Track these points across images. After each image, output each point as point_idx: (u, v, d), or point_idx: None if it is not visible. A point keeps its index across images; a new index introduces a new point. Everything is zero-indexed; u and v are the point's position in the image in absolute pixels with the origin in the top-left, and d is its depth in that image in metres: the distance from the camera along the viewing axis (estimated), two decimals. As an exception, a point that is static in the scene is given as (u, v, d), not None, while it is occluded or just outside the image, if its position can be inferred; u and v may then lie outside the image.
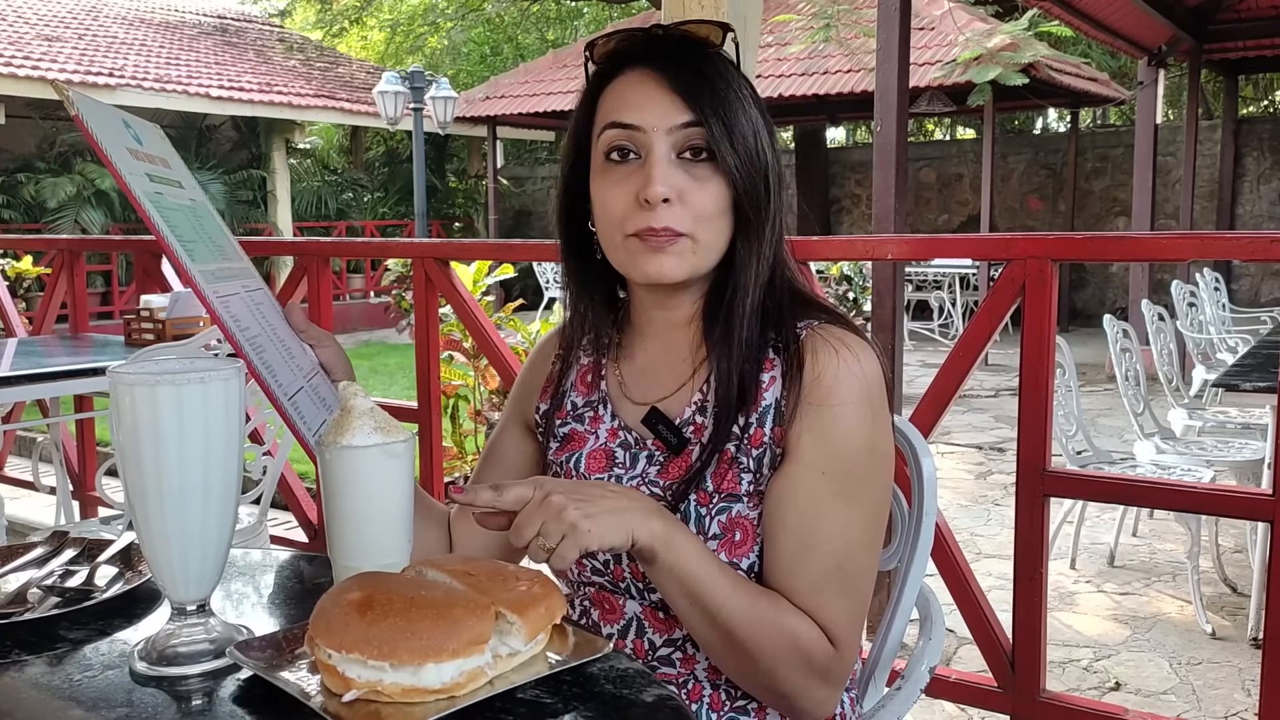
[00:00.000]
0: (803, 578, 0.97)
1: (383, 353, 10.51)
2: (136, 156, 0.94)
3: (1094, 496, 2.29)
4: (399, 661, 0.72)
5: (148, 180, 0.93)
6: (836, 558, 0.97)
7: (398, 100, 11.10)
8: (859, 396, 0.99)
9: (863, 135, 17.76)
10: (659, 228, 0.98)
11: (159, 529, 0.81)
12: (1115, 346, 3.81)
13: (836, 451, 0.98)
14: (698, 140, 0.99)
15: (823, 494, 0.97)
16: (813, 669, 0.96)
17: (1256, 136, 11.46)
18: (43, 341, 3.25)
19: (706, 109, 0.98)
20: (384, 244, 8.16)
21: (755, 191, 1.00)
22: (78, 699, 0.79)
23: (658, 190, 0.97)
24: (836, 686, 0.99)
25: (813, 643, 0.96)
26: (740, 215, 1.01)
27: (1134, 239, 3.35)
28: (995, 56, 8.48)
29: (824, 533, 0.97)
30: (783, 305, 1.04)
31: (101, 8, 15.16)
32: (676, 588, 0.92)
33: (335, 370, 1.13)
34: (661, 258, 0.99)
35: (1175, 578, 3.78)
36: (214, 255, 1.00)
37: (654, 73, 1.00)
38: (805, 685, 0.96)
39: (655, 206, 0.97)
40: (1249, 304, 9.85)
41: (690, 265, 1.01)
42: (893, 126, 3.85)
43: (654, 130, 0.98)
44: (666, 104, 0.99)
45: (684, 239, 0.99)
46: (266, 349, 1.00)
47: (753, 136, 1.00)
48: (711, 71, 1.00)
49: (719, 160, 0.98)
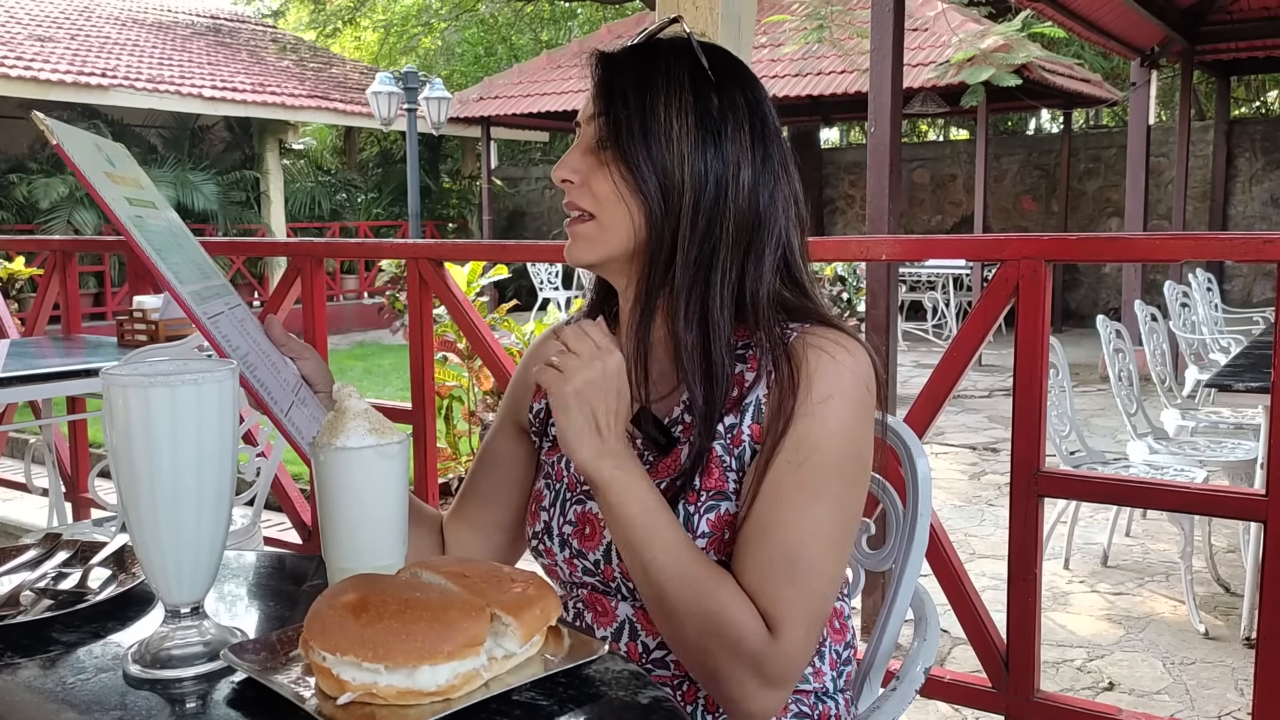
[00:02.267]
0: (751, 560, 0.96)
1: (376, 353, 10.50)
2: (113, 179, 0.94)
3: (1088, 497, 2.30)
4: (394, 664, 0.72)
5: (128, 204, 0.93)
6: (789, 545, 0.95)
7: (391, 101, 11.08)
8: (845, 392, 0.98)
9: (856, 136, 17.79)
10: (566, 202, 1.06)
11: (152, 531, 0.81)
12: (1108, 347, 3.82)
13: (809, 444, 0.97)
14: (602, 130, 1.04)
15: (786, 482, 0.97)
16: (740, 652, 0.93)
17: (1249, 137, 11.50)
18: (35, 343, 3.24)
19: (604, 102, 1.04)
20: (378, 245, 8.14)
21: (666, 185, 1.02)
22: (71, 702, 0.79)
23: (557, 173, 1.07)
24: (774, 684, 0.94)
25: (744, 624, 0.93)
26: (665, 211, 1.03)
27: (1128, 239, 3.36)
28: (988, 57, 8.51)
29: (779, 519, 0.96)
30: (763, 312, 1.03)
31: (94, 8, 15.11)
32: (617, 531, 0.96)
33: (316, 382, 1.14)
34: (570, 244, 1.07)
35: (1168, 578, 3.79)
36: (197, 275, 1.01)
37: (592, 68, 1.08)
38: (733, 669, 0.94)
39: (564, 188, 1.06)
40: (1241, 304, 9.88)
41: (598, 250, 1.05)
42: (886, 127, 3.86)
43: (582, 121, 1.07)
44: (590, 97, 1.06)
45: (590, 221, 1.05)
46: (258, 366, 1.01)
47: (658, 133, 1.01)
48: (631, 64, 1.05)
49: (618, 149, 1.02)
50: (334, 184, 15.46)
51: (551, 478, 1.13)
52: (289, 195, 14.29)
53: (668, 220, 1.02)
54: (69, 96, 11.34)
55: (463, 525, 1.20)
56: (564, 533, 1.09)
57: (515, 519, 1.19)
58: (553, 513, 1.10)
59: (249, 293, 13.18)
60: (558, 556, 1.09)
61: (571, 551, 1.08)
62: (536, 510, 1.13)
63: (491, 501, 1.20)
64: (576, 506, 1.09)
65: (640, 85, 1.03)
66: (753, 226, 1.03)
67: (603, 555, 1.05)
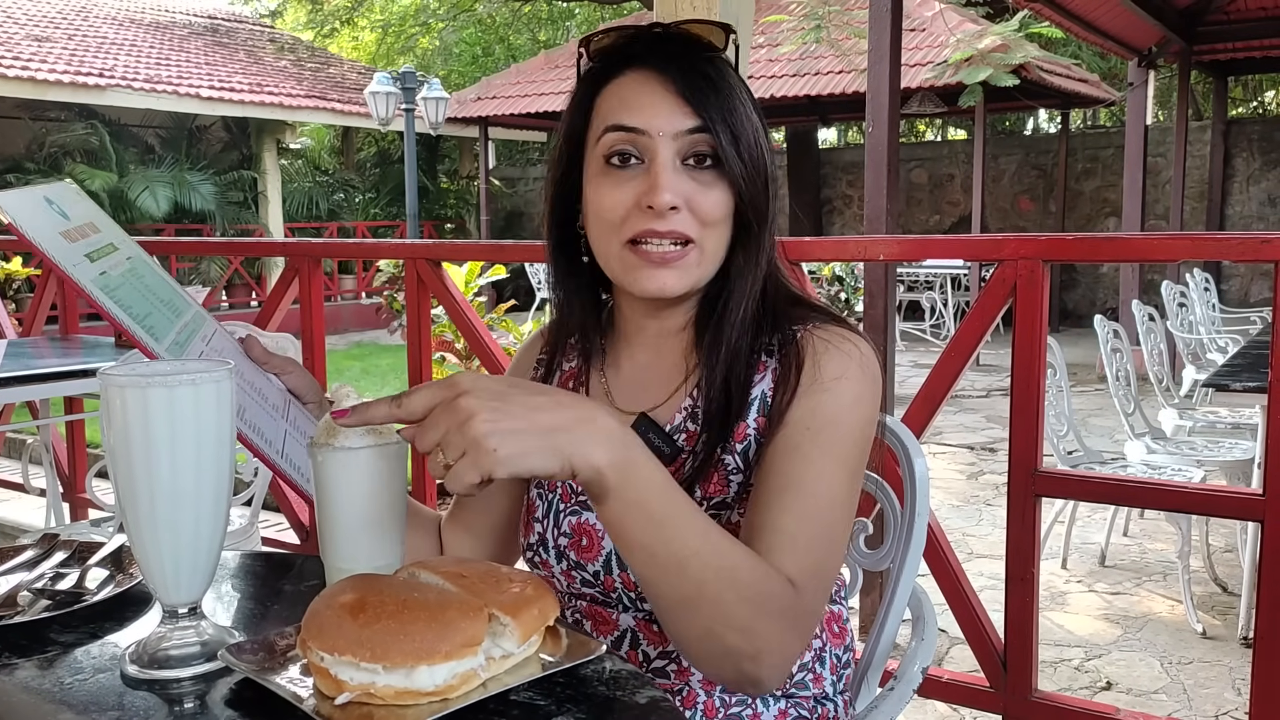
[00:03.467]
0: (775, 515, 0.90)
1: (374, 354, 10.49)
2: (70, 237, 0.92)
3: (1086, 497, 2.30)
4: (392, 664, 0.72)
5: (89, 263, 0.91)
6: (814, 503, 0.91)
7: (389, 101, 11.08)
8: (854, 374, 0.98)
9: (854, 136, 17.79)
10: (664, 230, 0.95)
11: (150, 531, 0.81)
12: (1106, 347, 3.82)
13: (824, 415, 0.96)
14: (703, 147, 0.96)
15: (806, 445, 0.94)
16: (782, 619, 0.85)
17: (1246, 137, 11.51)
18: (32, 343, 3.23)
19: (713, 114, 0.95)
20: (376, 245, 8.15)
21: (758, 198, 0.99)
22: (68, 702, 0.79)
23: (665, 199, 0.94)
24: (803, 635, 0.89)
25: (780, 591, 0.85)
26: (741, 222, 1.00)
27: (1126, 240, 3.36)
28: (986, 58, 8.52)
29: (803, 477, 0.93)
30: (776, 308, 1.03)
31: (91, 8, 15.10)
32: (635, 531, 0.78)
33: (304, 394, 1.12)
34: (664, 273, 0.97)
35: (1166, 577, 3.79)
36: (169, 317, 0.99)
37: (658, 74, 0.97)
38: (780, 638, 0.85)
39: (663, 213, 0.95)
40: (1238, 304, 9.89)
41: (694, 278, 0.99)
42: (884, 127, 3.86)
43: (659, 135, 0.96)
44: (671, 108, 0.96)
45: (692, 249, 0.97)
46: (247, 406, 0.99)
47: (755, 143, 0.98)
48: (716, 75, 0.98)
49: (725, 167, 0.96)
50: (332, 184, 15.45)
51: (544, 488, 1.10)
52: (286, 195, 14.28)
53: (762, 234, 1.00)
54: (66, 96, 11.33)
55: (459, 529, 1.20)
56: (560, 544, 1.06)
57: (509, 522, 1.18)
58: (546, 524, 1.08)
59: (246, 293, 13.18)
60: (554, 569, 1.07)
61: (569, 563, 1.05)
62: (530, 521, 1.10)
63: (485, 508, 1.18)
64: (572, 518, 1.06)
65: (733, 93, 0.98)
66: (778, 221, 1.04)
67: (602, 566, 1.03)
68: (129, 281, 0.97)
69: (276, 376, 1.10)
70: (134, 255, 1.02)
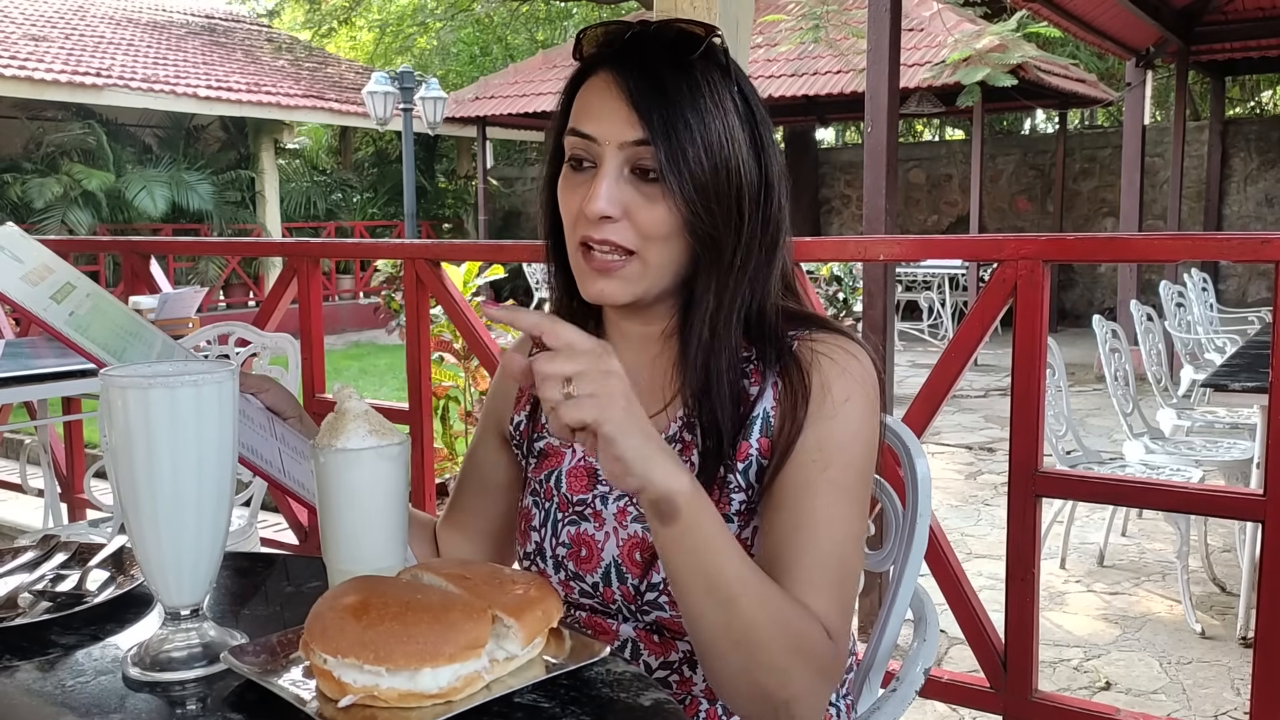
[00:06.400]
0: (796, 559, 0.91)
1: (372, 354, 10.48)
2: (30, 280, 0.91)
3: (1086, 497, 2.30)
4: (395, 666, 0.72)
5: (55, 305, 0.91)
6: (833, 545, 0.92)
7: (387, 101, 11.08)
8: (859, 394, 0.97)
9: (852, 136, 17.78)
10: (598, 238, 0.94)
11: (152, 532, 0.81)
12: (1104, 347, 3.82)
13: (834, 445, 0.95)
14: (646, 160, 0.92)
15: (820, 484, 0.94)
16: (818, 665, 0.88)
17: (1243, 137, 11.52)
18: (30, 343, 3.23)
19: (657, 127, 0.91)
20: (374, 245, 8.14)
21: (715, 215, 0.94)
22: (70, 705, 0.79)
23: (595, 207, 0.92)
24: (833, 684, 0.92)
25: (818, 637, 0.88)
26: (701, 237, 0.95)
27: (1127, 240, 3.36)
28: (984, 58, 8.52)
29: (821, 519, 0.93)
30: (770, 324, 1.00)
31: (89, 7, 15.08)
32: (697, 557, 0.81)
33: (284, 410, 1.11)
34: (604, 281, 0.95)
35: (1164, 577, 3.79)
36: (143, 350, 0.99)
37: (617, 79, 0.94)
38: (813, 685, 0.88)
39: (594, 221, 0.93)
40: (1236, 304, 9.90)
41: (638, 289, 0.96)
42: (883, 127, 3.86)
43: (606, 143, 0.93)
44: (621, 117, 0.93)
45: (633, 261, 0.95)
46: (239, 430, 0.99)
47: (710, 158, 0.93)
48: (674, 85, 0.93)
49: (666, 183, 0.92)
50: (329, 184, 15.43)
51: (540, 496, 1.09)
52: (284, 195, 14.27)
53: (724, 251, 0.95)
54: (64, 96, 11.32)
55: (455, 532, 1.19)
56: (558, 554, 1.05)
57: (505, 526, 1.18)
58: (544, 533, 1.07)
59: (244, 293, 13.17)
60: (552, 579, 1.06)
61: (567, 574, 1.04)
62: (526, 530, 1.09)
63: (479, 511, 1.18)
64: (570, 528, 1.05)
65: (693, 104, 0.93)
66: (776, 236, 0.99)
67: (601, 578, 1.02)
68: (97, 319, 0.97)
69: (255, 396, 1.09)
70: (92, 291, 1.01)
